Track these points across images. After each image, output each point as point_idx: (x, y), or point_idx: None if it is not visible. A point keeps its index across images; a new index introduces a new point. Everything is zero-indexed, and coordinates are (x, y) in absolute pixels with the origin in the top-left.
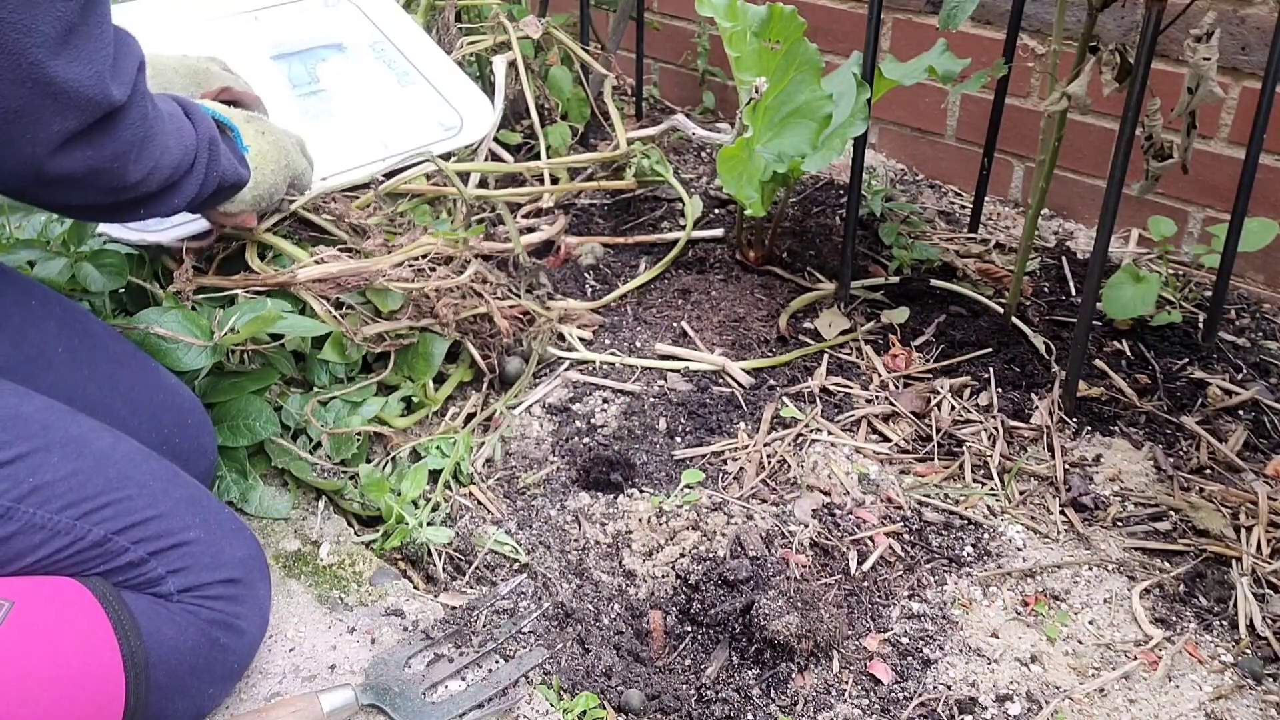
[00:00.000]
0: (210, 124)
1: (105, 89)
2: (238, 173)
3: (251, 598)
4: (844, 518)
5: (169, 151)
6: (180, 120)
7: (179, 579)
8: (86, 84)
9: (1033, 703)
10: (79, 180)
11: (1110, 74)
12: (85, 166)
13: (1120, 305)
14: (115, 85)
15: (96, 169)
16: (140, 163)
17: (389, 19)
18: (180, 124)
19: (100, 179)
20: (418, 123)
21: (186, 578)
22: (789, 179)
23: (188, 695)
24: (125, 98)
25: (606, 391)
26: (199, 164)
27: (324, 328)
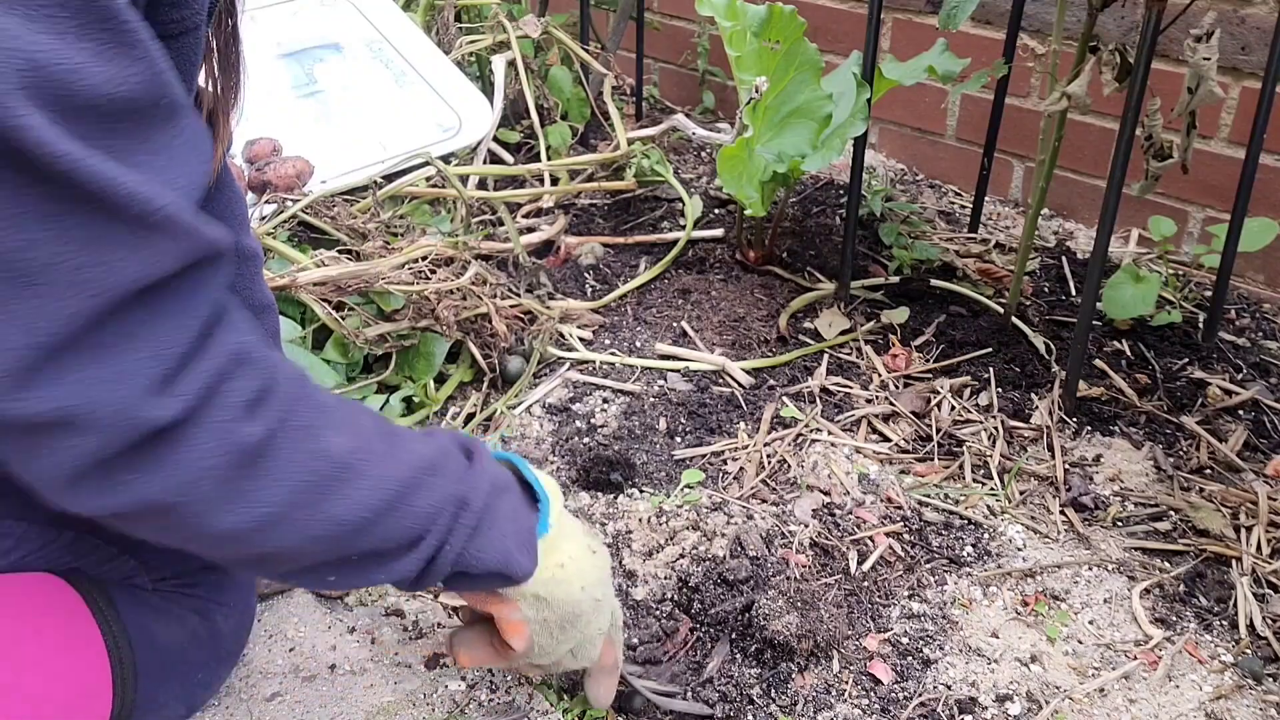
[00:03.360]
0: (486, 476)
1: (135, 406)
2: (507, 560)
3: (234, 584)
4: (844, 518)
5: (327, 496)
6: (402, 460)
7: (154, 570)
8: (94, 406)
9: (1033, 703)
10: (133, 519)
11: (1110, 74)
12: (129, 503)
13: (1120, 305)
14: (157, 399)
15: (149, 508)
16: (236, 503)
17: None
18: (396, 466)
19: (164, 519)
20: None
21: (161, 569)
22: (789, 179)
23: (176, 683)
24: (179, 414)
25: (606, 391)
26: (429, 530)
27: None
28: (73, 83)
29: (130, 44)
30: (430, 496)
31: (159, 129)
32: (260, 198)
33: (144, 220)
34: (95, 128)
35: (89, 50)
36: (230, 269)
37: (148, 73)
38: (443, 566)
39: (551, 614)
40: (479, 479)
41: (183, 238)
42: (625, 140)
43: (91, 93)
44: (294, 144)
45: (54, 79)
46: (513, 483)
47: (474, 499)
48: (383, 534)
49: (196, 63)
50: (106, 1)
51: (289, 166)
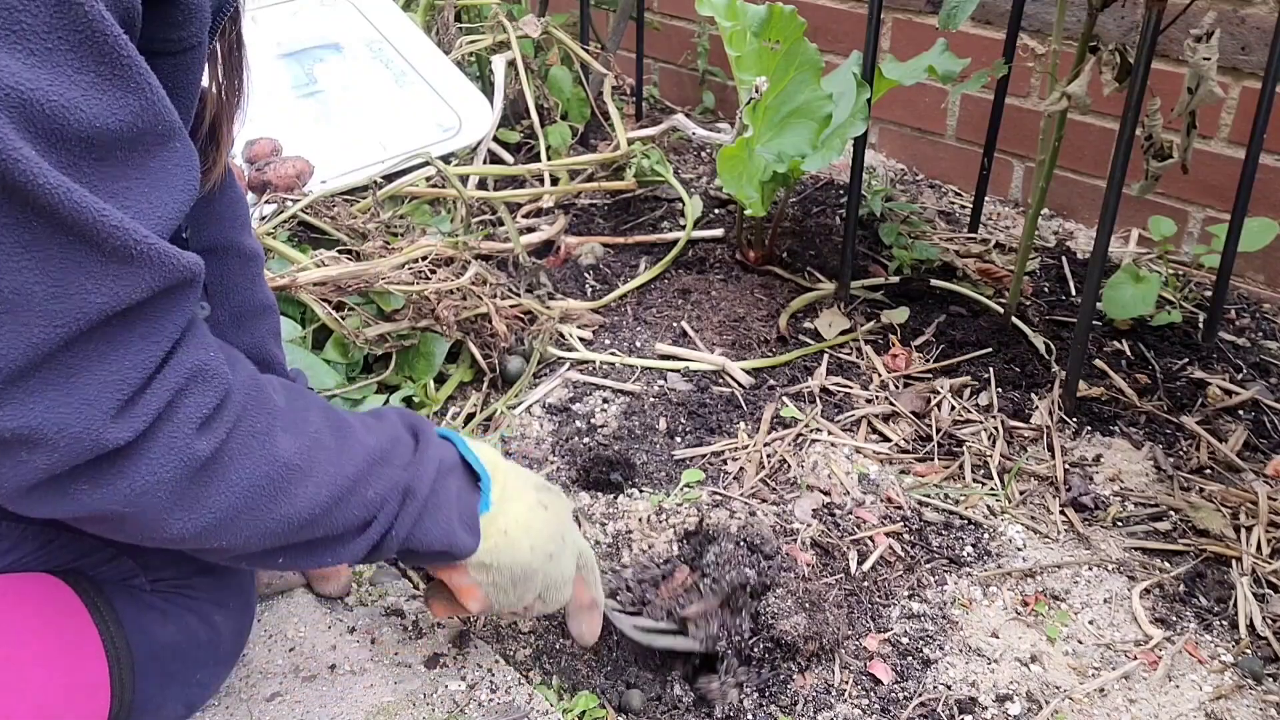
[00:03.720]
0: (431, 463)
1: (95, 430)
2: (451, 540)
3: (234, 584)
4: (844, 518)
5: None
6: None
7: (152, 570)
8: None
9: (1033, 703)
10: (85, 522)
11: (1110, 74)
12: (81, 511)
13: (1120, 305)
14: (116, 422)
15: (102, 515)
16: (188, 511)
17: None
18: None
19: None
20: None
21: (159, 570)
22: (789, 179)
23: (177, 682)
24: (135, 435)
25: (606, 391)
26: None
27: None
28: (65, 117)
29: (126, 76)
30: (378, 486)
31: (150, 155)
32: (260, 198)
33: (122, 252)
34: (84, 159)
35: (84, 84)
36: (199, 292)
37: (140, 103)
38: (389, 547)
39: (500, 576)
40: (425, 465)
41: (158, 269)
42: (625, 140)
43: (84, 126)
44: (294, 144)
45: (46, 114)
46: (457, 463)
47: (419, 486)
48: (331, 524)
49: (197, 77)
50: (103, 35)
51: (289, 166)
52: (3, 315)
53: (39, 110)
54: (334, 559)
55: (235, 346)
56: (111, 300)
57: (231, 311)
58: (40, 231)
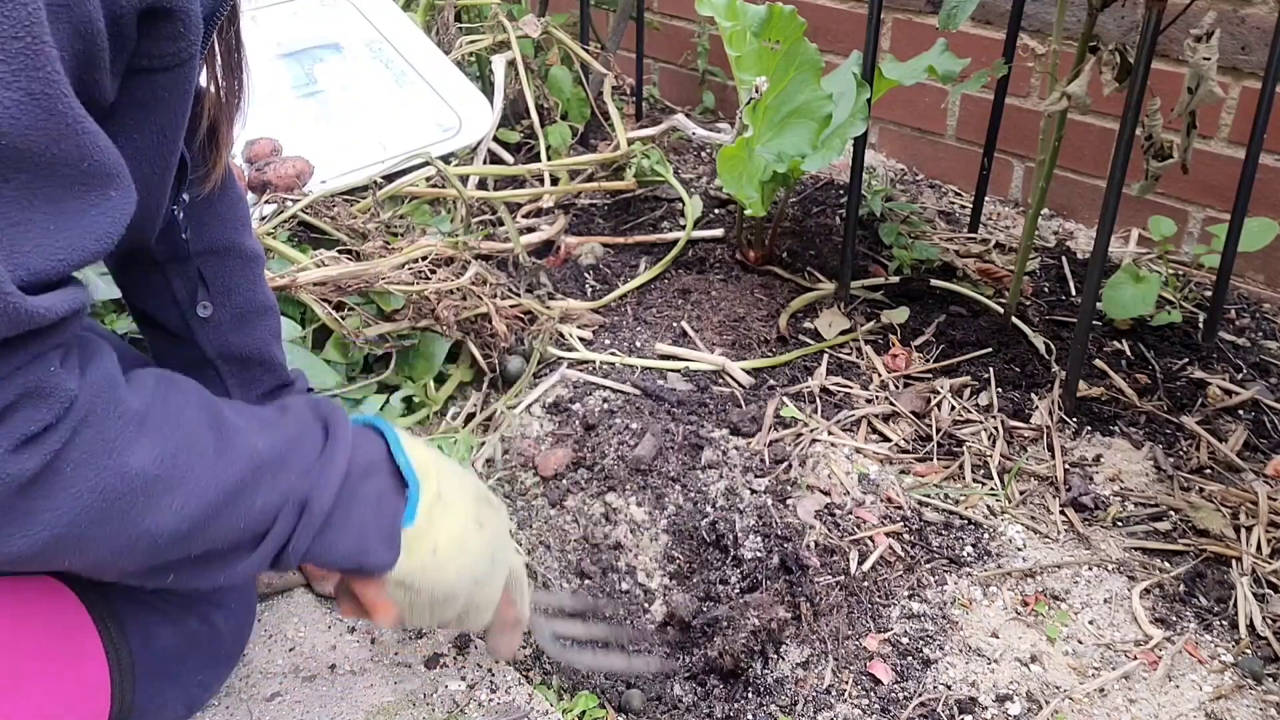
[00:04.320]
0: (338, 467)
1: None
2: (363, 556)
3: (234, 586)
4: (844, 518)
5: (130, 512)
6: (232, 459)
7: None
8: None
9: (1033, 703)
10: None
11: (1110, 74)
12: None
13: (1120, 305)
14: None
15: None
16: (21, 527)
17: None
18: (225, 468)
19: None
20: (416, 124)
21: None
22: (789, 179)
23: (176, 683)
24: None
25: (606, 391)
26: (268, 531)
27: None
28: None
29: (50, 98)
30: (267, 494)
31: (68, 192)
32: (260, 198)
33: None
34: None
35: (4, 99)
36: (76, 325)
37: (60, 131)
38: (289, 561)
39: (418, 597)
40: (329, 471)
41: (8, 322)
42: (625, 140)
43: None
44: (294, 144)
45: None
46: (379, 465)
47: (320, 496)
48: (212, 539)
49: (191, 90)
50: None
51: (289, 166)
52: None
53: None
54: (229, 575)
55: (236, 347)
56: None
57: (232, 312)
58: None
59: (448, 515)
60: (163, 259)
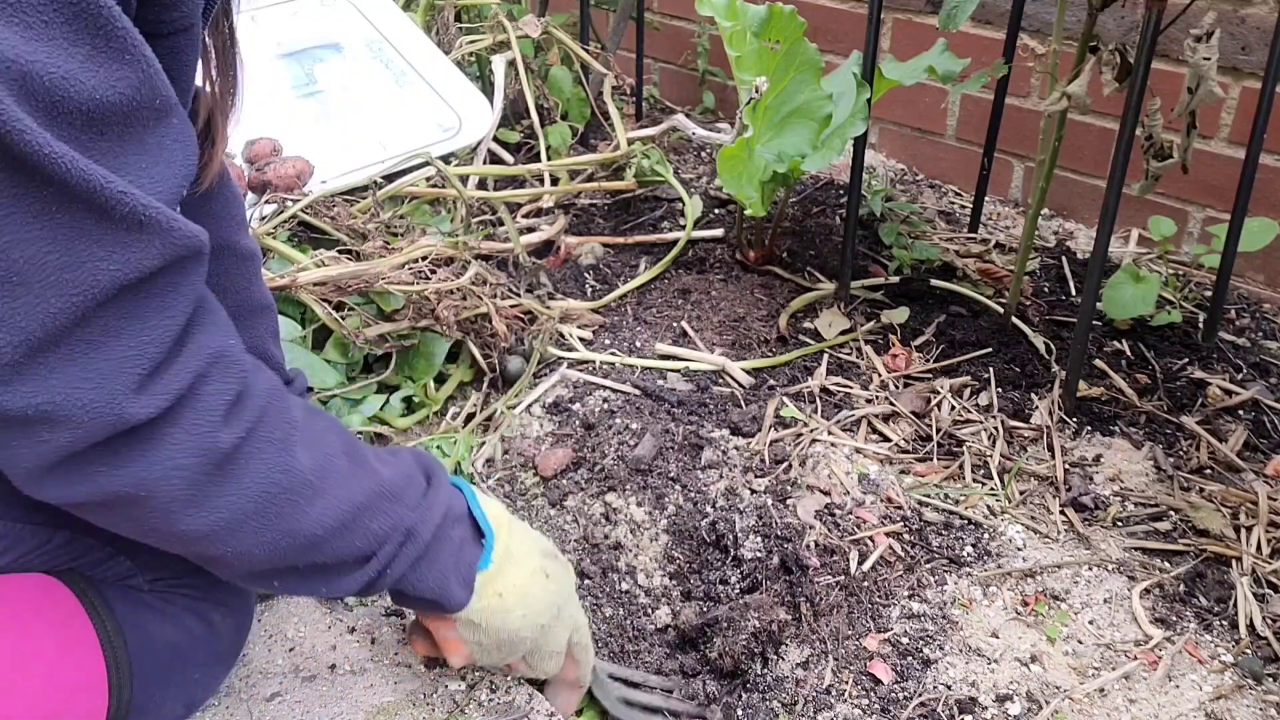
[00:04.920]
0: (439, 508)
1: (116, 405)
2: (444, 591)
3: (232, 584)
4: (844, 518)
5: (286, 509)
6: (362, 482)
7: (150, 570)
8: (75, 405)
9: (1033, 703)
10: (97, 508)
11: (1110, 74)
12: (96, 494)
13: (1120, 305)
14: (138, 397)
15: (114, 499)
16: (199, 506)
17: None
18: (356, 487)
19: (127, 511)
20: (416, 124)
21: (156, 569)
22: (789, 179)
23: (174, 682)
24: (157, 413)
25: (606, 391)
26: (375, 554)
27: None
28: (64, 89)
29: (120, 49)
30: (384, 520)
31: (148, 130)
32: (260, 198)
33: (130, 219)
34: (84, 132)
35: (80, 56)
36: (206, 266)
37: (137, 77)
38: (382, 585)
39: (486, 638)
40: (432, 509)
41: (167, 236)
42: (625, 140)
43: (82, 99)
44: (294, 144)
45: (46, 86)
46: (465, 514)
47: (422, 530)
48: (332, 551)
49: (191, 61)
50: (97, 8)
51: (289, 166)
52: (19, 287)
53: (38, 83)
54: (327, 590)
55: None
56: (123, 269)
57: (229, 311)
58: (49, 201)
59: (516, 567)
60: None
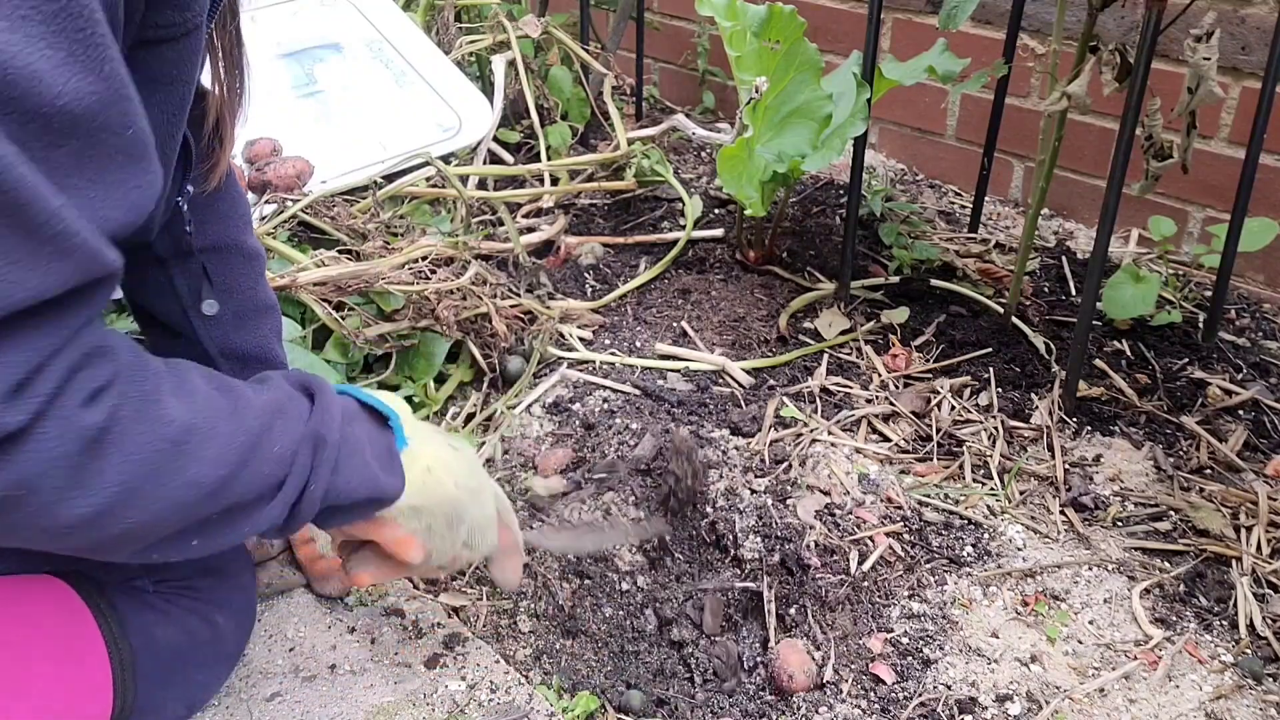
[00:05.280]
0: (335, 409)
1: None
2: (375, 484)
3: (234, 584)
4: (844, 518)
5: (179, 460)
6: (246, 410)
7: (155, 571)
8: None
9: (1033, 703)
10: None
11: (1110, 74)
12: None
13: (1120, 305)
14: (6, 408)
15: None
16: (86, 488)
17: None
18: (243, 416)
19: (13, 517)
20: (416, 124)
21: (161, 571)
22: (789, 179)
23: (177, 683)
24: (27, 420)
25: (606, 391)
26: (288, 473)
27: None
28: (29, 86)
29: (97, 61)
30: (285, 438)
31: (110, 160)
32: (260, 198)
33: (56, 243)
34: (39, 138)
35: (54, 60)
36: (114, 286)
37: (107, 93)
38: (310, 506)
39: (433, 518)
40: (328, 412)
41: (88, 265)
42: (625, 140)
43: (45, 102)
44: (294, 144)
45: (9, 79)
46: (359, 410)
47: (328, 433)
48: (242, 487)
49: (199, 62)
50: (83, 15)
51: (289, 166)
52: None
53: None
54: (252, 528)
55: (237, 345)
56: (31, 294)
57: (234, 310)
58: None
59: (427, 443)
60: (166, 255)
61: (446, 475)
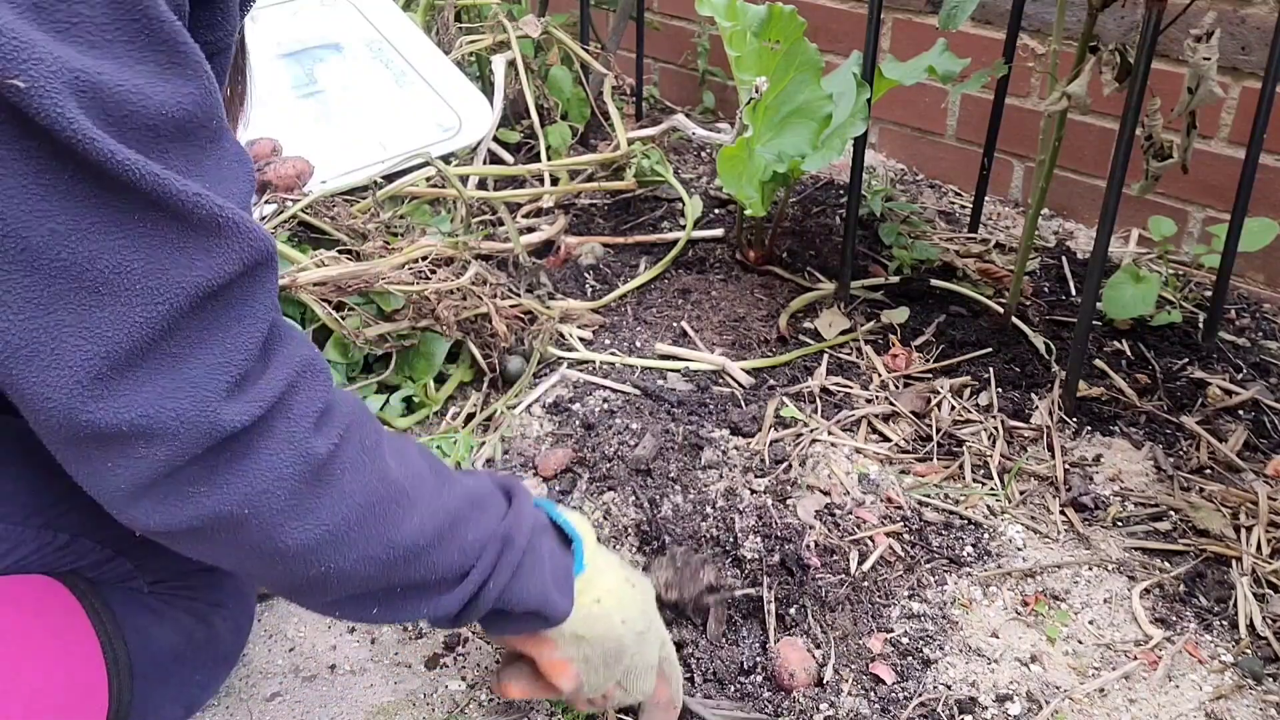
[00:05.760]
0: (528, 517)
1: (210, 413)
2: (545, 600)
3: (232, 585)
4: (844, 518)
5: (386, 517)
6: (450, 492)
7: (149, 573)
8: (168, 416)
9: (1033, 703)
10: (197, 534)
11: (1110, 74)
12: (198, 516)
13: (1120, 305)
14: (231, 404)
15: (217, 517)
16: (302, 519)
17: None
18: (446, 497)
19: (230, 534)
20: (416, 124)
21: (157, 571)
22: (789, 179)
23: (174, 684)
24: (251, 420)
25: (606, 391)
26: (474, 565)
27: None
28: (132, 103)
29: (184, 63)
30: (478, 531)
31: (207, 150)
32: (260, 198)
33: (209, 224)
34: (152, 147)
35: (145, 73)
36: (278, 274)
37: (200, 93)
38: (484, 604)
39: (592, 650)
40: (521, 518)
41: (244, 241)
42: (625, 140)
43: (149, 114)
44: (294, 144)
45: (115, 100)
46: (549, 525)
47: (518, 537)
48: (431, 564)
49: (224, 81)
50: (159, 23)
51: (289, 166)
52: (105, 297)
53: (107, 96)
54: (428, 609)
55: None
56: (205, 275)
57: None
58: (129, 210)
59: (606, 573)
60: None
61: (616, 610)
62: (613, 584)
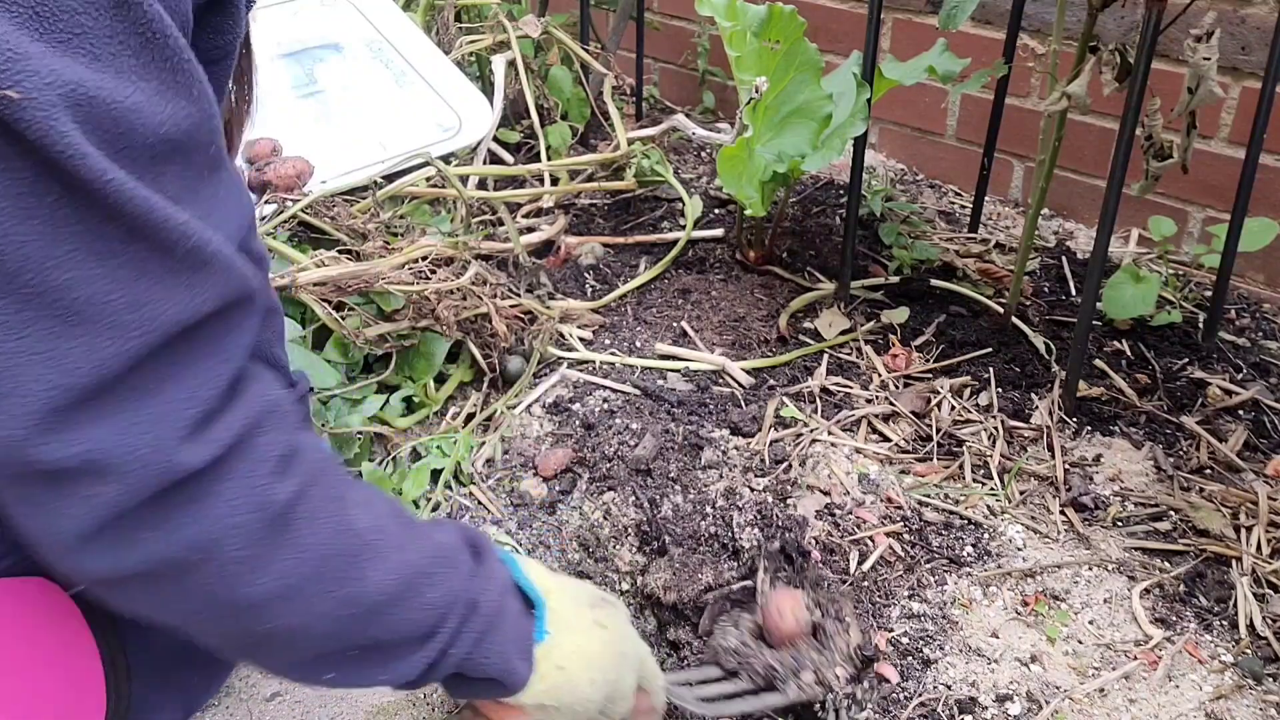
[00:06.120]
0: (495, 579)
1: (167, 451)
2: (506, 667)
3: None
4: (844, 518)
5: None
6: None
7: None
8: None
9: (1033, 703)
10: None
11: (1110, 74)
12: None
13: (1120, 305)
14: (189, 444)
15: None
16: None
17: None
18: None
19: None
20: (416, 124)
21: None
22: (789, 179)
23: (172, 685)
24: (209, 461)
25: (606, 391)
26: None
27: None
28: (130, 120)
29: (187, 84)
30: (443, 590)
31: (203, 178)
32: (260, 198)
33: (193, 257)
34: (150, 167)
35: (148, 90)
36: (258, 314)
37: (201, 115)
38: (445, 669)
39: (560, 717)
40: (489, 580)
41: (227, 278)
42: (625, 140)
43: (148, 132)
44: (294, 144)
45: (112, 116)
46: (514, 584)
47: (485, 601)
48: (393, 624)
49: (225, 86)
50: (164, 39)
51: (289, 166)
52: (74, 328)
53: (105, 111)
54: (386, 676)
55: None
56: (183, 311)
57: None
58: (112, 237)
59: (569, 632)
60: None
61: (583, 672)
62: (578, 641)
